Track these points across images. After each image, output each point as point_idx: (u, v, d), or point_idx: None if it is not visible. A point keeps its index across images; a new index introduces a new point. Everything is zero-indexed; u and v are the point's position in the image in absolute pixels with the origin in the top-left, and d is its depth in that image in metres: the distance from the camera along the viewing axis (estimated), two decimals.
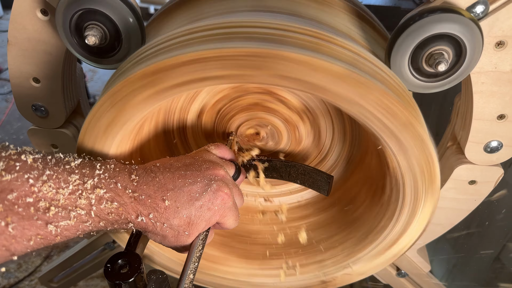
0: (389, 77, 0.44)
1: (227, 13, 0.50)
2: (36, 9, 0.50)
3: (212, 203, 0.47)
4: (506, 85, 0.48)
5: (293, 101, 0.62)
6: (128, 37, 0.47)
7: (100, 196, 0.41)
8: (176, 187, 0.45)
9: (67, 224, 0.40)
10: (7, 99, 2.54)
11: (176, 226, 0.45)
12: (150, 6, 1.83)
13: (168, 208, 0.44)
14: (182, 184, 0.46)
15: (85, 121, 0.47)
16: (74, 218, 0.40)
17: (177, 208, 0.45)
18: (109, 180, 0.42)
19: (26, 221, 0.37)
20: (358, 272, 0.64)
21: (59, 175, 0.40)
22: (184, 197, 0.45)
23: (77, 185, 0.40)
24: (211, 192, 0.47)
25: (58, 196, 0.39)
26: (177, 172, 0.47)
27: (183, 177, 0.46)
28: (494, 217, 0.94)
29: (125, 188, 0.43)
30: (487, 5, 0.42)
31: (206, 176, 0.47)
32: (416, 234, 0.56)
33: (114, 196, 0.42)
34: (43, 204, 0.38)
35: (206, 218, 0.47)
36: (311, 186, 0.65)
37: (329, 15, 0.52)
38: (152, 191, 0.44)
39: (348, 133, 0.67)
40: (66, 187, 0.40)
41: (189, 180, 0.46)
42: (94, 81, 2.71)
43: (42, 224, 0.38)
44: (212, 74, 0.41)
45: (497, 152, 0.54)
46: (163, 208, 0.44)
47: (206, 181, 0.47)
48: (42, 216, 0.38)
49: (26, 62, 0.54)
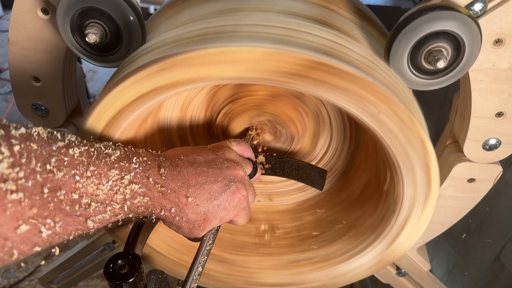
0: (388, 75, 0.45)
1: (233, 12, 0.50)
2: (36, 8, 0.50)
3: (229, 204, 0.49)
4: (504, 82, 0.48)
5: (308, 114, 0.62)
6: (128, 35, 0.47)
7: (135, 191, 0.42)
8: (198, 184, 0.47)
9: (102, 218, 0.40)
10: (7, 99, 2.54)
11: (192, 220, 0.47)
12: (150, 6, 1.84)
13: (189, 204, 0.46)
14: (203, 181, 0.47)
15: (96, 106, 0.46)
16: (109, 211, 0.41)
17: (196, 205, 0.46)
18: (143, 174, 0.43)
19: (70, 218, 0.38)
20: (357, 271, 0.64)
21: (101, 170, 0.40)
22: (204, 195, 0.47)
23: (116, 180, 0.41)
24: (229, 193, 0.48)
25: (98, 191, 0.39)
26: (200, 168, 0.48)
27: (205, 174, 0.48)
28: (494, 217, 0.94)
29: (155, 183, 0.44)
30: (485, 3, 0.43)
31: (226, 176, 0.49)
32: (416, 233, 0.57)
33: (146, 191, 0.43)
34: (85, 200, 0.38)
35: (221, 216, 0.49)
36: (305, 181, 0.65)
37: (329, 13, 0.52)
38: (177, 186, 0.45)
39: (348, 133, 0.67)
40: (106, 182, 0.40)
41: (211, 178, 0.48)
42: (94, 81, 2.71)
43: (82, 220, 0.39)
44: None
45: (495, 149, 0.54)
46: (184, 203, 0.46)
47: (226, 181, 0.49)
48: (83, 212, 0.38)
49: (26, 61, 0.54)
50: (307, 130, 0.66)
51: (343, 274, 0.64)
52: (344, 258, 0.63)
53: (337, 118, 0.65)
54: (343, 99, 0.43)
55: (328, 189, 0.73)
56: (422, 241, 0.68)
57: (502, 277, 0.91)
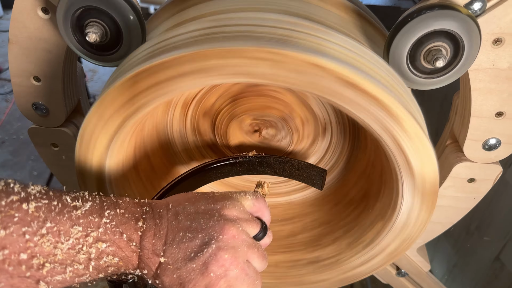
0: (387, 75, 0.45)
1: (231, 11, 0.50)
2: (37, 8, 0.50)
3: (206, 268, 0.40)
4: (504, 82, 0.48)
5: (293, 98, 0.62)
6: (128, 34, 0.47)
7: (102, 251, 0.38)
8: (175, 241, 0.40)
9: (62, 279, 0.37)
10: (7, 99, 2.54)
11: (167, 285, 0.41)
12: (150, 6, 1.84)
13: (161, 265, 0.40)
14: (181, 237, 0.41)
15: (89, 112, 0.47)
16: (71, 272, 0.37)
17: (168, 265, 0.40)
18: (115, 230, 0.39)
19: (16, 279, 0.34)
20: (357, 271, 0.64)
21: (61, 227, 0.36)
22: (179, 254, 0.40)
23: (79, 238, 0.37)
24: (207, 254, 0.40)
25: (56, 250, 0.36)
26: (183, 222, 0.41)
27: (185, 230, 0.41)
28: (494, 217, 0.94)
29: (130, 240, 0.40)
30: (484, 2, 0.43)
31: (209, 233, 0.41)
32: (416, 233, 0.56)
33: (116, 250, 0.39)
34: (37, 261, 0.35)
35: (201, 285, 0.40)
36: (305, 181, 0.65)
37: (329, 13, 0.52)
38: (151, 243, 0.40)
39: (347, 132, 0.67)
40: (66, 240, 0.36)
41: (190, 234, 0.41)
42: (94, 81, 2.71)
43: (32, 283, 0.35)
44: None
45: (495, 149, 0.54)
46: (157, 264, 0.40)
47: (206, 239, 0.40)
48: (34, 273, 0.35)
49: (26, 61, 0.55)
50: (291, 106, 0.65)
51: (404, 225, 0.57)
52: (392, 207, 0.56)
53: (337, 118, 0.65)
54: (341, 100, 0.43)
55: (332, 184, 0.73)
56: (422, 241, 0.68)
57: (502, 277, 0.91)
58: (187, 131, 0.69)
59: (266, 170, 0.67)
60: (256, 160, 0.66)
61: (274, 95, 0.62)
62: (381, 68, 0.45)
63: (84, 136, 0.48)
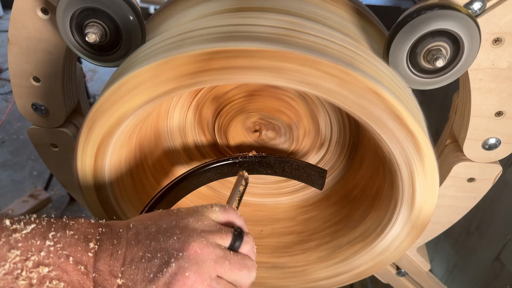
0: (387, 75, 0.45)
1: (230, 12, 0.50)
2: (36, 8, 0.50)
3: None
4: (504, 81, 0.48)
5: (304, 109, 0.62)
6: (128, 34, 0.47)
7: (44, 275, 0.36)
8: (133, 261, 0.38)
9: None
10: (7, 99, 2.54)
11: None
12: (150, 6, 1.84)
13: (120, 287, 0.38)
14: (140, 257, 0.39)
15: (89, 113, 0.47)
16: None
17: (128, 287, 0.38)
18: (61, 252, 0.37)
19: None
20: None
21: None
22: (138, 275, 0.38)
23: (16, 263, 0.35)
24: (167, 274, 0.38)
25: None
26: (144, 241, 0.40)
27: (144, 249, 0.39)
28: (494, 217, 0.94)
29: (77, 263, 0.38)
30: (484, 2, 0.43)
31: (168, 251, 0.39)
32: (391, 259, 0.57)
33: (61, 274, 0.37)
34: None
35: None
36: (305, 181, 0.65)
37: (328, 12, 0.52)
38: (107, 264, 0.38)
39: (344, 152, 0.67)
40: (2, 265, 0.35)
41: (149, 254, 0.39)
42: (94, 81, 2.72)
43: None
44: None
45: (495, 149, 0.54)
46: (115, 286, 0.38)
47: (165, 258, 0.38)
48: None
49: (26, 61, 0.54)
50: (301, 116, 0.65)
51: (384, 250, 0.59)
52: (378, 232, 0.59)
53: (337, 118, 0.65)
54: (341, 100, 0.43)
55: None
56: (422, 241, 0.68)
57: (502, 277, 0.91)
58: (187, 122, 0.68)
59: (266, 170, 0.67)
60: (256, 160, 0.66)
61: (289, 101, 0.62)
62: (381, 68, 0.45)
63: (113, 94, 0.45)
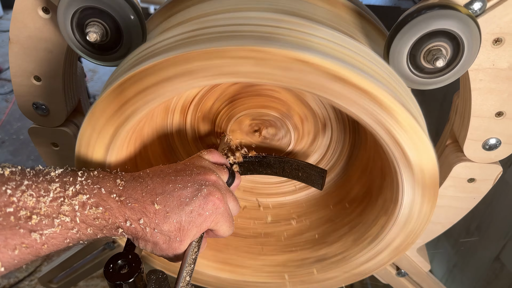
0: (387, 75, 0.45)
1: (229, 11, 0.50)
2: (37, 7, 0.50)
3: (202, 209, 0.46)
4: (504, 82, 0.48)
5: (290, 97, 0.62)
6: (129, 34, 0.47)
7: (83, 202, 0.40)
8: (166, 192, 0.45)
9: (53, 232, 0.39)
10: (7, 99, 2.54)
11: (166, 231, 0.44)
12: (150, 6, 1.84)
13: (158, 212, 0.44)
14: (172, 189, 0.45)
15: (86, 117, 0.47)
16: (59, 225, 0.39)
17: (166, 213, 0.44)
18: (92, 186, 0.42)
19: (8, 230, 0.37)
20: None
21: (39, 185, 0.39)
22: (174, 202, 0.44)
23: (58, 193, 0.40)
24: (201, 197, 0.46)
25: (39, 204, 0.38)
26: (167, 177, 0.46)
27: (173, 182, 0.46)
28: (494, 217, 0.94)
29: (110, 193, 0.42)
30: (484, 2, 0.43)
31: (196, 181, 0.47)
32: (420, 226, 0.56)
33: (98, 201, 0.41)
34: (24, 213, 0.37)
35: (197, 224, 0.46)
36: (305, 181, 0.65)
37: (329, 12, 0.52)
38: (139, 195, 0.43)
39: (347, 128, 0.67)
40: (46, 195, 0.39)
41: (179, 185, 0.46)
42: (94, 81, 2.72)
43: (25, 233, 0.37)
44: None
45: (495, 149, 0.54)
46: (152, 212, 0.43)
47: (196, 186, 0.46)
48: (24, 225, 0.37)
49: (27, 60, 0.55)
50: (288, 103, 0.65)
51: (408, 219, 0.56)
52: (394, 201, 0.56)
53: (337, 118, 0.65)
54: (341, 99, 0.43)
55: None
56: (422, 241, 0.68)
57: (502, 277, 0.91)
58: (188, 134, 0.69)
59: (266, 170, 0.67)
60: (256, 160, 0.66)
61: (271, 94, 0.62)
62: (380, 66, 0.44)
63: (82, 146, 0.49)
